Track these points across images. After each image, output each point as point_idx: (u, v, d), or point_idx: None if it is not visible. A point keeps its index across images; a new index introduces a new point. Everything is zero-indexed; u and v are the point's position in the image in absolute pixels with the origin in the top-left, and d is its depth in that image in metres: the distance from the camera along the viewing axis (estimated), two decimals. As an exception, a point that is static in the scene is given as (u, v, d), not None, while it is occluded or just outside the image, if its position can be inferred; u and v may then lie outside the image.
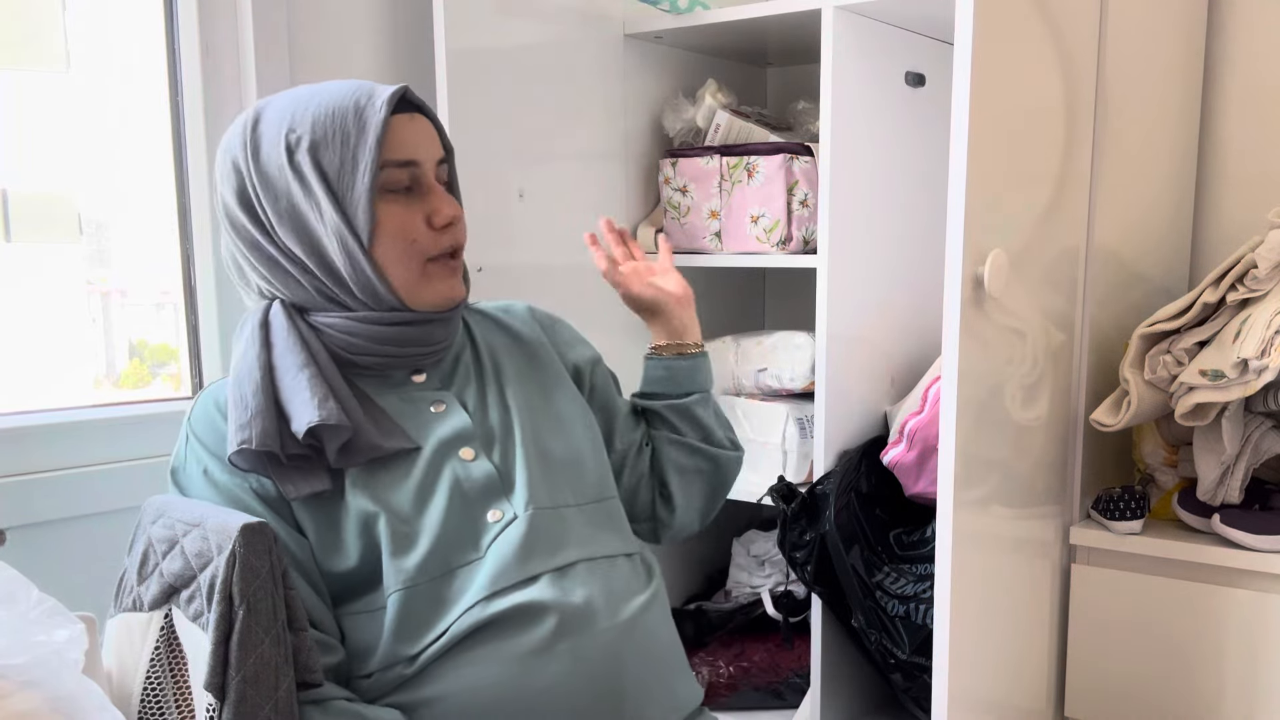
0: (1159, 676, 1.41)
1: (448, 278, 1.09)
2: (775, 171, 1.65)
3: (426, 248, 1.07)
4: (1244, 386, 1.28)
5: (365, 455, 1.03)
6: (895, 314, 1.63)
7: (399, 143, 1.04)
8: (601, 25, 1.71)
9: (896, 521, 1.57)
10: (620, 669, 1.05)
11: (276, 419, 1.01)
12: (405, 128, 1.05)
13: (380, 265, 1.05)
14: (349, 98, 1.04)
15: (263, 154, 1.04)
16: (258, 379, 1.02)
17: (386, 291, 1.06)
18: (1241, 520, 1.35)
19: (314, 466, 1.02)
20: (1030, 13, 1.26)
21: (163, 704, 1.00)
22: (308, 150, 1.02)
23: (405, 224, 1.05)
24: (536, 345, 1.23)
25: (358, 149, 1.02)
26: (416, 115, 1.07)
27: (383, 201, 1.04)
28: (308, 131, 1.02)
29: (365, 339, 1.07)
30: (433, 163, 1.08)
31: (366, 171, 1.02)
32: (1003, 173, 1.23)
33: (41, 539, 1.30)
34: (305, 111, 1.04)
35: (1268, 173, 1.67)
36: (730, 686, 1.71)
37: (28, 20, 1.58)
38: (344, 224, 1.03)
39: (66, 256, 1.69)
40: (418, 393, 1.12)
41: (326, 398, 1.01)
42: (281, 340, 1.04)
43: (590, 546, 1.10)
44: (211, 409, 1.06)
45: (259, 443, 0.99)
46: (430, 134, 1.09)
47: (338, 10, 1.59)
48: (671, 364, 1.33)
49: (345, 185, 1.02)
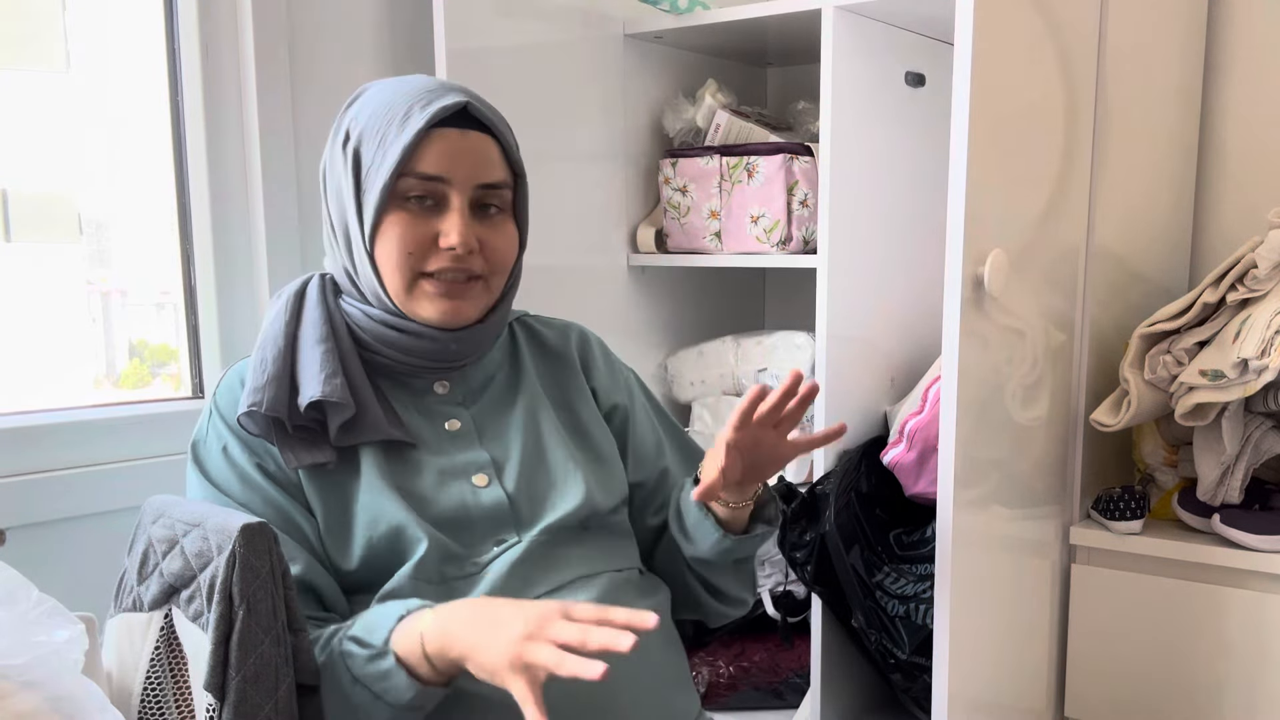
0: (1159, 676, 1.41)
1: (442, 298, 1.06)
2: (775, 171, 1.65)
3: (421, 263, 1.05)
4: (1244, 386, 1.28)
5: (365, 436, 1.04)
6: (895, 314, 1.63)
7: (430, 156, 1.02)
8: (601, 25, 1.71)
9: (896, 521, 1.57)
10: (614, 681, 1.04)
11: (289, 388, 1.03)
12: (447, 142, 1.03)
13: (379, 267, 1.05)
14: (411, 97, 1.03)
15: (338, 134, 1.07)
16: (280, 346, 1.05)
17: (383, 294, 1.06)
18: (1241, 520, 1.35)
19: (318, 439, 1.04)
20: (1030, 13, 1.26)
21: (163, 704, 1.00)
22: (356, 141, 1.04)
23: (406, 235, 1.03)
24: (569, 368, 1.20)
25: (389, 151, 1.02)
26: (471, 133, 1.04)
27: (395, 208, 1.03)
28: (363, 123, 1.04)
29: (375, 337, 1.08)
30: (470, 184, 1.04)
31: (384, 174, 1.02)
32: (1003, 173, 1.23)
33: (41, 539, 1.30)
34: (373, 102, 1.05)
35: (1268, 173, 1.67)
36: (730, 686, 1.71)
37: (28, 20, 1.58)
38: (356, 218, 1.04)
39: (66, 256, 1.69)
40: (436, 405, 1.11)
41: (334, 374, 1.02)
42: (310, 313, 1.07)
43: (590, 565, 1.09)
44: (236, 386, 1.08)
45: (268, 407, 1.01)
46: (480, 154, 1.05)
47: (338, 10, 1.59)
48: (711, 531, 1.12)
49: (369, 182, 1.03)
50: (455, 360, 1.11)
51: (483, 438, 1.11)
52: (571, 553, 1.08)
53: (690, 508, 1.14)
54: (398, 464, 1.07)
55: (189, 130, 1.50)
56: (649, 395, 1.28)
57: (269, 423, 1.03)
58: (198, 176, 1.51)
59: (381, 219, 1.03)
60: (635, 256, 1.81)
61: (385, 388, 1.09)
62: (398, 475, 1.06)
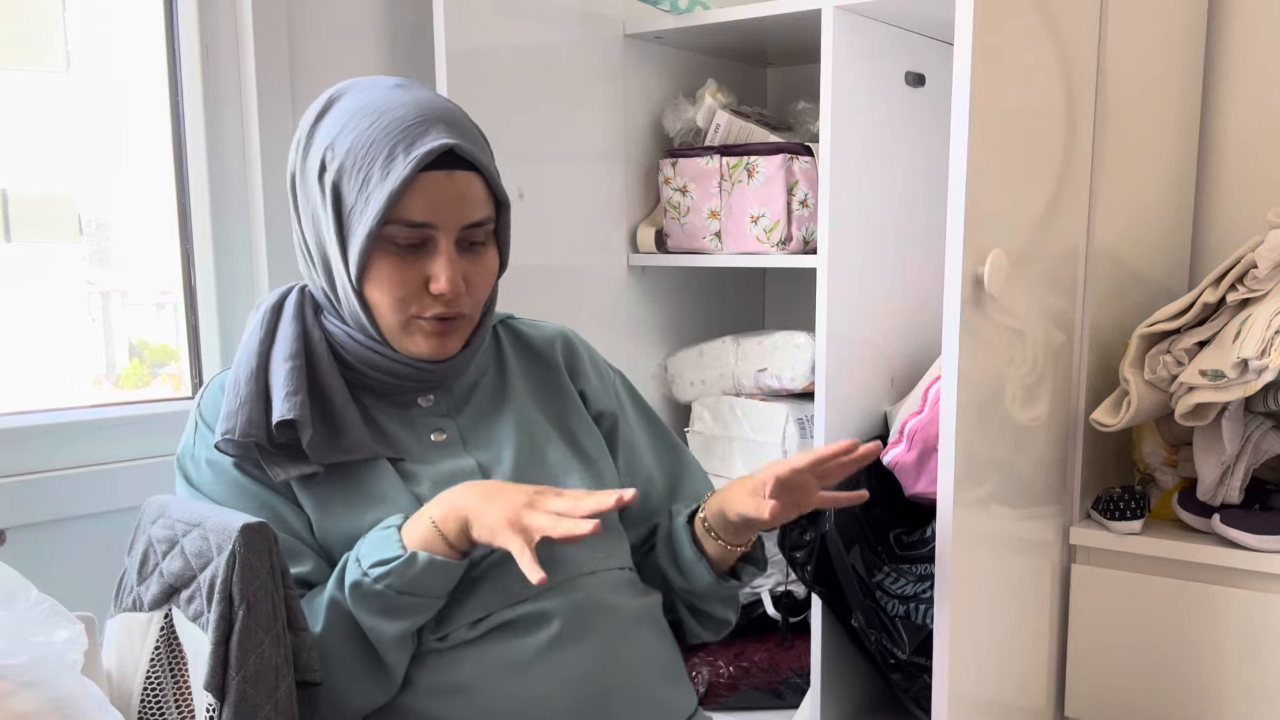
0: (1159, 676, 1.41)
1: (432, 336, 1.05)
2: (775, 171, 1.65)
3: (414, 307, 1.04)
4: (1244, 386, 1.28)
5: (348, 454, 1.04)
6: (895, 314, 1.63)
7: (419, 203, 0.99)
8: (601, 25, 1.71)
9: (896, 521, 1.57)
10: (608, 678, 1.05)
11: (264, 410, 1.02)
12: (434, 187, 1.00)
13: (371, 306, 1.04)
14: (393, 136, 0.99)
15: (309, 154, 1.03)
16: (253, 367, 1.05)
17: (374, 329, 1.06)
18: (1241, 520, 1.35)
19: (300, 451, 1.03)
20: (1030, 13, 1.26)
21: (163, 704, 1.00)
22: (334, 175, 1.00)
23: (397, 280, 1.02)
24: (554, 372, 1.20)
25: (373, 194, 0.98)
26: (457, 174, 1.01)
27: (383, 252, 1.01)
28: (341, 156, 1.00)
29: (358, 358, 1.07)
30: (457, 226, 1.02)
31: (371, 220, 0.99)
32: (1003, 173, 1.23)
33: (41, 539, 1.30)
34: (352, 132, 1.00)
35: (1268, 173, 1.67)
36: (730, 686, 1.71)
37: (28, 20, 1.58)
38: (340, 257, 1.02)
39: (66, 256, 1.69)
40: (421, 418, 1.11)
41: (295, 392, 1.02)
42: (284, 329, 1.07)
43: (588, 563, 1.09)
44: (218, 396, 1.07)
45: (241, 432, 1.01)
46: (465, 195, 1.02)
47: (338, 10, 1.59)
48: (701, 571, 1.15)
49: (352, 222, 1.01)
50: (438, 382, 1.11)
51: (469, 446, 1.11)
52: (568, 551, 1.08)
53: (684, 546, 1.15)
54: (388, 473, 1.06)
55: (189, 130, 1.50)
56: (637, 399, 1.28)
57: (248, 445, 1.02)
58: (198, 176, 1.51)
59: (367, 262, 1.01)
60: (635, 256, 1.81)
61: (369, 403, 1.09)
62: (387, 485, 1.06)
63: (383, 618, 0.98)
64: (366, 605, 0.97)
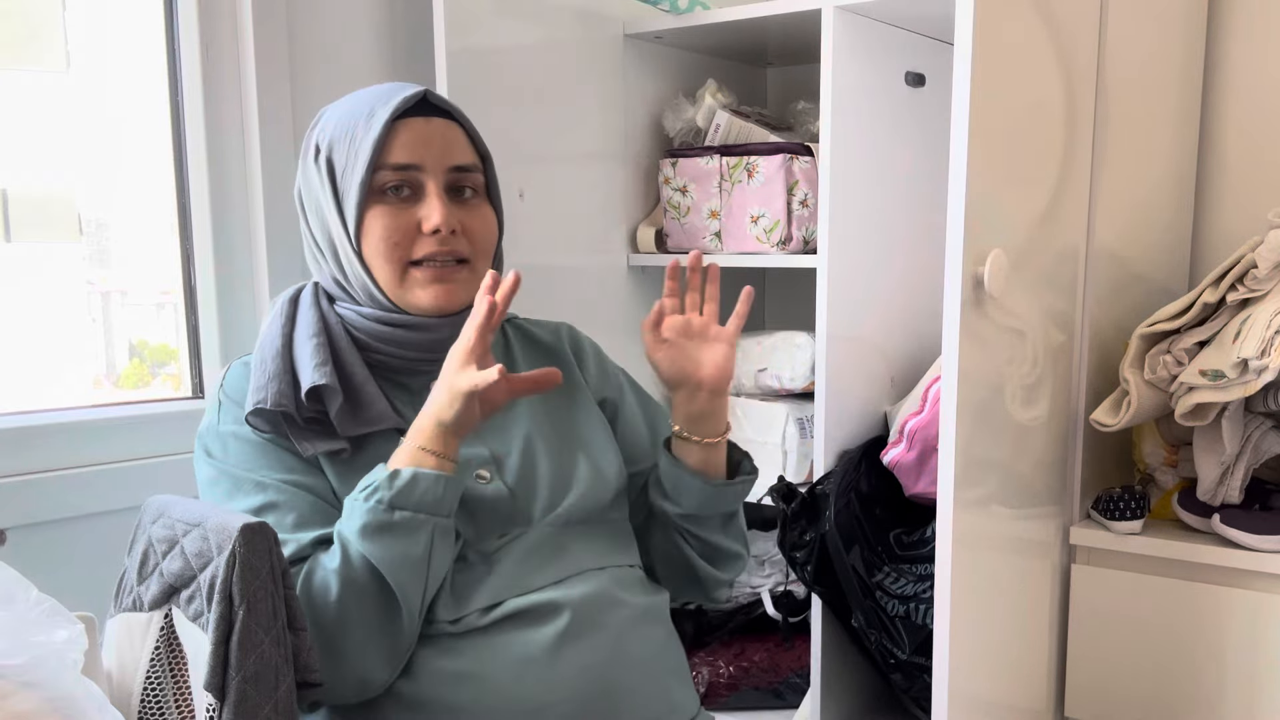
0: (1159, 676, 1.41)
1: (433, 283, 1.08)
2: (775, 171, 1.65)
3: (408, 251, 1.07)
4: (1244, 386, 1.28)
5: (372, 425, 1.06)
6: (895, 314, 1.63)
7: (400, 145, 1.06)
8: (601, 25, 1.71)
9: (896, 521, 1.57)
10: (616, 671, 1.06)
11: (292, 383, 1.05)
12: (413, 130, 1.07)
13: (369, 264, 1.08)
14: (372, 100, 1.07)
15: (308, 153, 1.10)
16: (278, 346, 1.08)
17: (377, 290, 1.08)
18: (1241, 520, 1.35)
19: (328, 428, 1.06)
20: (1030, 13, 1.26)
21: (163, 704, 1.00)
22: (327, 150, 1.07)
23: (390, 226, 1.06)
24: (563, 361, 1.22)
25: (360, 149, 1.05)
26: (434, 119, 1.08)
27: (375, 203, 1.06)
28: (330, 133, 1.08)
29: (371, 335, 1.10)
30: (442, 168, 1.08)
31: (359, 171, 1.04)
32: (1003, 173, 1.23)
33: (41, 539, 1.30)
34: (337, 114, 1.09)
35: (1268, 173, 1.67)
36: (730, 686, 1.71)
37: (28, 20, 1.58)
38: (339, 221, 1.07)
39: (66, 256, 1.69)
40: None
41: (324, 362, 1.05)
42: (304, 314, 1.10)
43: (595, 558, 1.11)
44: (241, 374, 1.10)
45: (273, 402, 1.03)
46: (447, 139, 1.09)
47: (338, 10, 1.59)
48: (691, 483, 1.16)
49: (346, 184, 1.06)
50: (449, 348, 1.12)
51: (481, 434, 1.12)
52: (576, 545, 1.10)
53: (667, 468, 1.17)
54: None
55: (189, 130, 1.50)
56: (639, 390, 1.30)
57: (278, 418, 1.05)
58: (198, 176, 1.51)
59: (363, 216, 1.06)
60: (635, 256, 1.81)
61: (385, 388, 1.10)
62: None
63: (381, 540, 0.97)
64: (365, 533, 0.98)
